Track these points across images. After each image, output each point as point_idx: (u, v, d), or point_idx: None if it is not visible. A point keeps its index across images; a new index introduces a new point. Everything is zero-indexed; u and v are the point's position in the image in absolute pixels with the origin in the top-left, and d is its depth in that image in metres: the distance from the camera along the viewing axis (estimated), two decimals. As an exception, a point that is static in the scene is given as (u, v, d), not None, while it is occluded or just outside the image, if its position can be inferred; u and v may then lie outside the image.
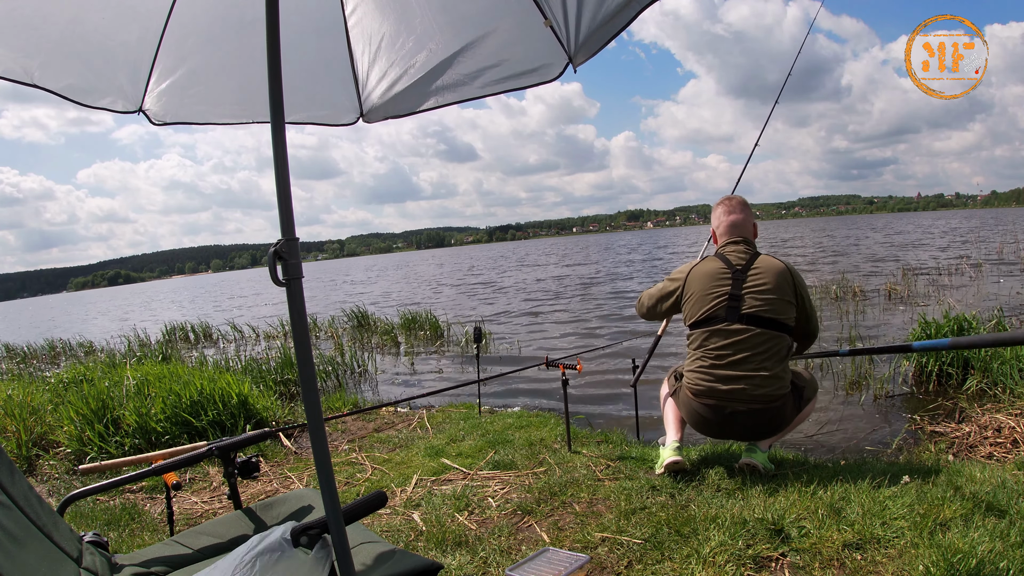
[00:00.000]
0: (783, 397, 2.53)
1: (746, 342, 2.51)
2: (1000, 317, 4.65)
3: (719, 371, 2.54)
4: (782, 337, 2.55)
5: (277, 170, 1.07)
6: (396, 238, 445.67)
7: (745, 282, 2.57)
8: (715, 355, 2.56)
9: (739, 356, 2.51)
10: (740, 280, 2.58)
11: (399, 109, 1.87)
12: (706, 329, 2.60)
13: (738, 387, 2.49)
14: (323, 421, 1.06)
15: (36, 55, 1.45)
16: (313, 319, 10.83)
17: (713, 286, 2.60)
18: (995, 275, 9.80)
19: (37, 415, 4.16)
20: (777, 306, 2.53)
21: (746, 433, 2.61)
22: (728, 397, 2.52)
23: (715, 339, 2.57)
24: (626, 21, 1.26)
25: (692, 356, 2.66)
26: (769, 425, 2.57)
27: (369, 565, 1.29)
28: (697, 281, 2.66)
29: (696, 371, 2.62)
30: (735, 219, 2.74)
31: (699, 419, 2.63)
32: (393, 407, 4.58)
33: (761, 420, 2.53)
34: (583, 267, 23.44)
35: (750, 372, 2.49)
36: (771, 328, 2.52)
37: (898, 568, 1.73)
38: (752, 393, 2.49)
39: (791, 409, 2.59)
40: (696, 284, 2.66)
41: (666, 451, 2.64)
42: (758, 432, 2.60)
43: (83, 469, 2.06)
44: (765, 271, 2.57)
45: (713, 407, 2.55)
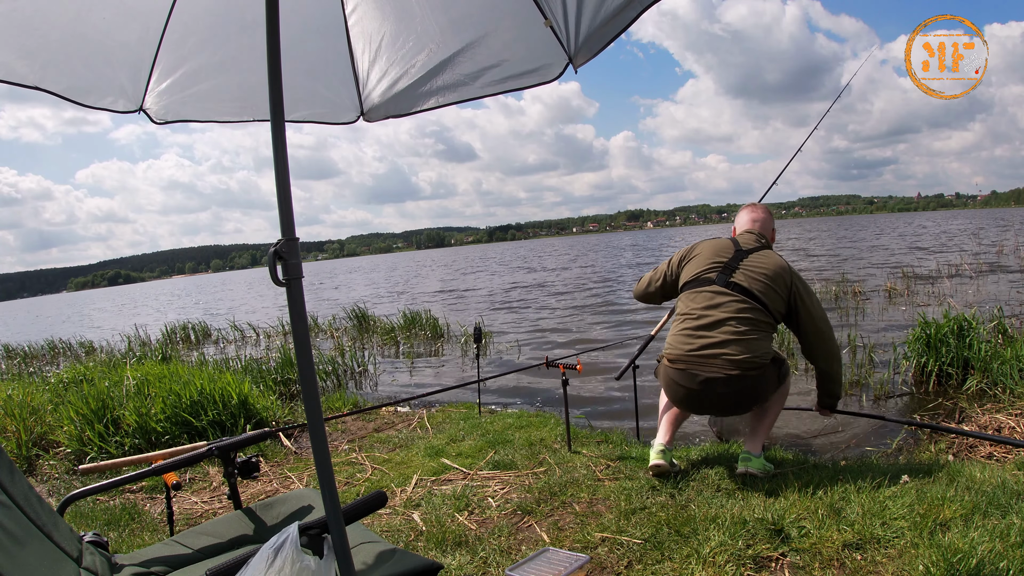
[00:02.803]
0: (763, 367, 2.46)
1: (729, 306, 2.49)
2: (1000, 317, 4.65)
3: (697, 332, 2.49)
4: (767, 317, 2.52)
5: (277, 170, 1.07)
6: (396, 238, 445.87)
7: (744, 260, 2.62)
8: (697, 315, 2.53)
9: (719, 318, 2.48)
10: (741, 257, 2.64)
11: (399, 108, 1.87)
12: (692, 290, 2.61)
13: (715, 351, 2.43)
14: (323, 421, 1.06)
15: (37, 56, 1.45)
16: (313, 319, 10.83)
17: (715, 255, 2.67)
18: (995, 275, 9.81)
19: (37, 415, 4.16)
20: (767, 291, 2.52)
21: (724, 404, 2.55)
22: (704, 362, 2.45)
23: (699, 299, 2.56)
24: (627, 22, 1.26)
25: (674, 322, 2.66)
26: (748, 396, 2.49)
27: (369, 565, 1.29)
28: (704, 248, 2.74)
29: (674, 334, 2.59)
30: (757, 216, 2.86)
31: (675, 389, 2.57)
32: (393, 407, 4.58)
33: (739, 389, 2.44)
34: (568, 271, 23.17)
35: (729, 336, 2.44)
36: (757, 303, 2.50)
37: (898, 568, 1.73)
38: (730, 358, 2.42)
39: (772, 382, 2.53)
40: (702, 249, 2.74)
41: (651, 452, 2.62)
42: (737, 404, 2.54)
43: (83, 469, 2.06)
44: (767, 260, 2.61)
45: (688, 373, 2.48)
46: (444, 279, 24.71)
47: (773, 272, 2.56)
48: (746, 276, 2.56)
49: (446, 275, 28.03)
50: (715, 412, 2.75)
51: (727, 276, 2.58)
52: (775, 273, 2.56)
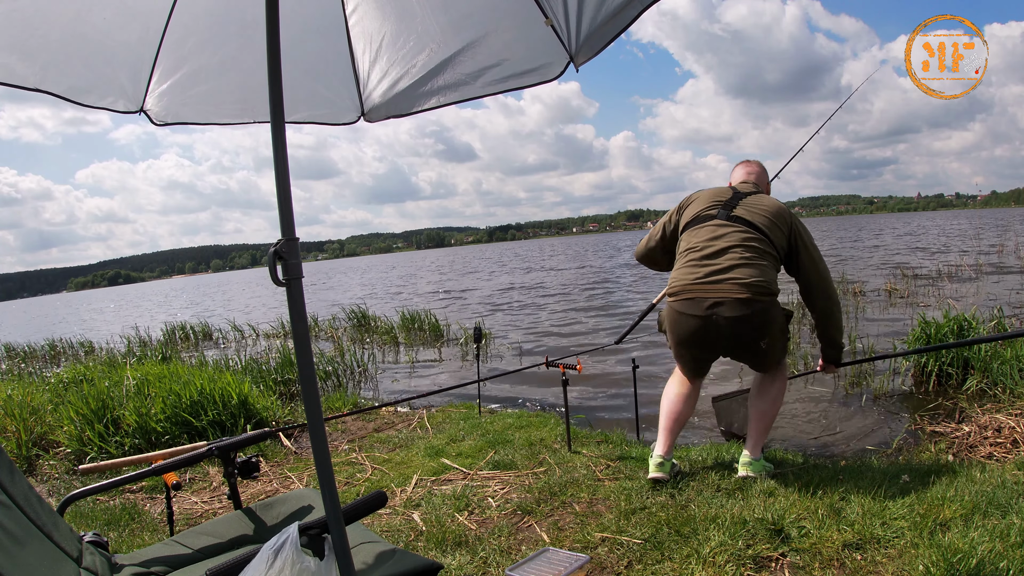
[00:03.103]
0: (773, 297, 2.38)
1: (733, 235, 2.44)
2: (1000, 317, 4.65)
3: (702, 262, 2.42)
4: (772, 249, 2.45)
5: (277, 170, 1.07)
6: (396, 238, 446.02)
7: (744, 199, 2.59)
8: (700, 248, 2.46)
9: (724, 245, 2.41)
10: (740, 197, 2.60)
11: (400, 108, 1.87)
12: (695, 227, 2.55)
13: (723, 276, 2.35)
14: (323, 421, 1.06)
15: (37, 57, 1.45)
16: (313, 319, 10.83)
17: (713, 197, 2.63)
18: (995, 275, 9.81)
19: (37, 415, 4.16)
20: (770, 225, 2.47)
21: (731, 338, 2.39)
22: (710, 287, 2.35)
23: (701, 234, 2.50)
24: (628, 21, 1.26)
25: (678, 259, 2.56)
26: (757, 327, 2.36)
27: (369, 565, 1.29)
28: (702, 193, 2.70)
29: (677, 271, 2.51)
30: (752, 170, 2.84)
31: (680, 324, 2.45)
32: (393, 407, 4.58)
33: (749, 315, 2.32)
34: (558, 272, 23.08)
35: (735, 261, 2.36)
36: (761, 234, 2.45)
37: (898, 568, 1.73)
38: (739, 281, 2.32)
39: (780, 325, 2.44)
40: (699, 194, 2.69)
41: (650, 463, 2.57)
42: (744, 339, 2.39)
43: (83, 469, 2.06)
44: (767, 200, 2.59)
45: (693, 300, 2.37)
46: (440, 280, 24.70)
47: (774, 209, 2.53)
48: (747, 211, 2.52)
49: (443, 276, 28.02)
50: (722, 348, 2.49)
51: (728, 211, 2.52)
52: (776, 210, 2.52)
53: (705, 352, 2.55)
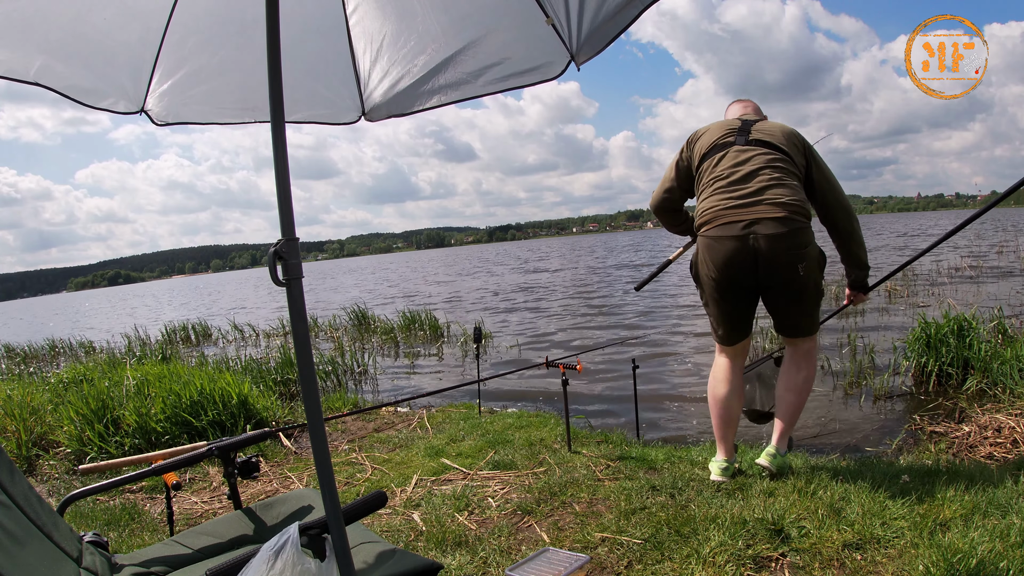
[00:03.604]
0: (807, 222, 2.31)
1: (758, 158, 2.36)
2: (1000, 317, 4.65)
3: (730, 188, 2.32)
4: (795, 168, 2.38)
5: (277, 170, 1.07)
6: (396, 238, 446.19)
7: (754, 124, 2.51)
8: (726, 175, 2.36)
9: (751, 169, 2.33)
10: (750, 123, 2.52)
11: (401, 108, 1.87)
12: (715, 155, 2.45)
13: (756, 197, 2.27)
14: (323, 421, 1.06)
15: (37, 56, 1.45)
16: (313, 319, 10.83)
17: (723, 127, 2.53)
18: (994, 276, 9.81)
19: (37, 415, 4.16)
20: (787, 144, 2.42)
21: (770, 262, 2.26)
22: (745, 208, 2.27)
23: (723, 162, 2.40)
24: (629, 20, 1.26)
25: (703, 190, 2.44)
26: (794, 249, 2.26)
27: (369, 565, 1.29)
28: (710, 126, 2.59)
29: (705, 200, 2.39)
30: (749, 104, 2.76)
31: (714, 252, 2.33)
32: (393, 407, 4.58)
33: (785, 237, 2.24)
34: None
35: (766, 183, 2.29)
36: (782, 154, 2.38)
37: (898, 568, 1.73)
38: (774, 201, 2.25)
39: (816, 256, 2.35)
40: (708, 127, 2.58)
41: (714, 468, 2.53)
42: (782, 260, 2.26)
43: (83, 469, 2.06)
44: (776, 123, 2.52)
45: (727, 224, 2.28)
46: (440, 281, 24.69)
47: (787, 130, 2.48)
48: (763, 134, 2.44)
49: (444, 277, 28.00)
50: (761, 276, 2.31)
51: (745, 136, 2.44)
52: (789, 131, 2.48)
53: (743, 282, 2.36)
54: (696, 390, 5.01)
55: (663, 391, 5.05)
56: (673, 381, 5.36)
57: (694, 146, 2.57)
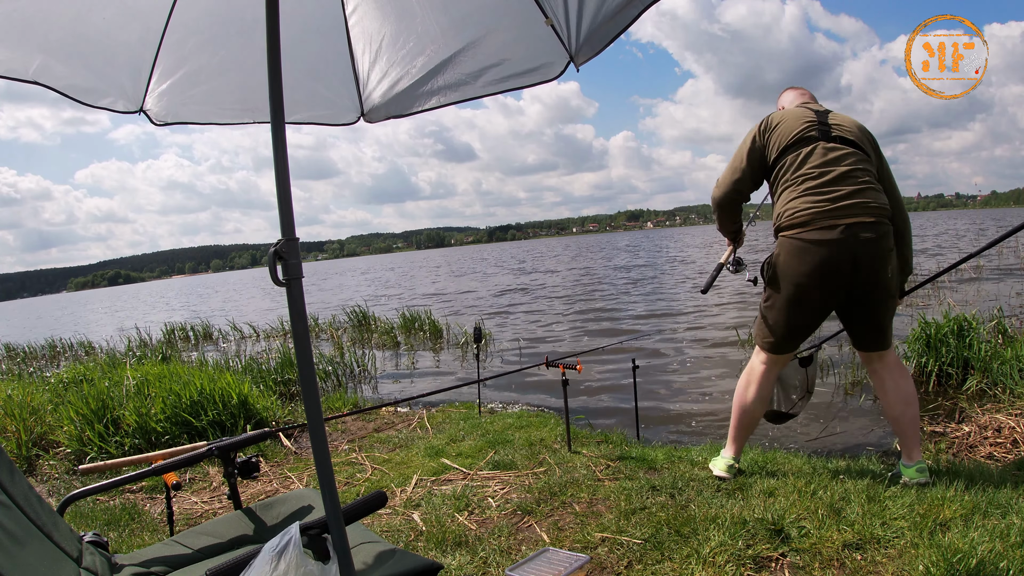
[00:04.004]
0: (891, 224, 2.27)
1: (846, 159, 2.27)
2: (1000, 317, 4.65)
3: (824, 189, 2.22)
4: (875, 168, 2.33)
5: (277, 170, 1.07)
6: (396, 238, 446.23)
7: (829, 117, 2.41)
8: (816, 174, 2.26)
9: (842, 171, 2.24)
10: (825, 115, 2.42)
11: (400, 109, 1.87)
12: (799, 150, 2.32)
13: (851, 200, 2.19)
14: (323, 421, 1.06)
15: (37, 55, 1.45)
16: (313, 319, 10.83)
17: (800, 117, 2.41)
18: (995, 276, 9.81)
19: (37, 415, 4.16)
20: (864, 142, 2.36)
21: (865, 266, 2.20)
22: (840, 212, 2.18)
23: (811, 158, 2.30)
24: (628, 20, 1.26)
25: (788, 186, 2.33)
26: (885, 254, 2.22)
27: (369, 565, 1.29)
28: (783, 114, 2.46)
29: (797, 198, 2.27)
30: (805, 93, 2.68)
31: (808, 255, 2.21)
32: (393, 407, 4.58)
33: (877, 241, 2.20)
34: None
35: (857, 186, 2.21)
36: (864, 153, 2.31)
37: (898, 568, 1.73)
38: (867, 205, 2.19)
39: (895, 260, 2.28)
40: (781, 116, 2.45)
41: (719, 463, 2.52)
42: (876, 265, 2.21)
43: (83, 469, 2.06)
44: (846, 118, 2.44)
45: (825, 227, 2.18)
46: (437, 281, 24.68)
47: (860, 125, 2.42)
48: (842, 131, 2.35)
49: (441, 277, 27.99)
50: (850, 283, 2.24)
51: (826, 132, 2.34)
52: (860, 127, 2.41)
53: (832, 288, 2.27)
54: (696, 390, 5.01)
55: (663, 391, 5.05)
56: (673, 381, 5.36)
57: (770, 135, 2.43)
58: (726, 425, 4.04)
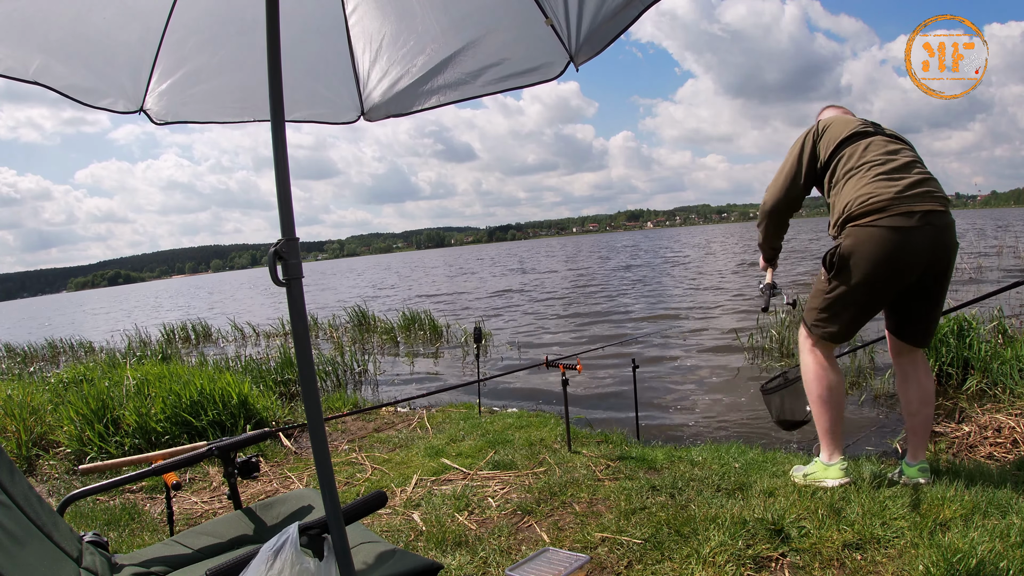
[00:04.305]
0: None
1: (906, 151, 2.27)
2: (1000, 317, 4.65)
3: (894, 175, 2.16)
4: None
5: (277, 170, 1.07)
6: (396, 238, 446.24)
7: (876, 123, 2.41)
8: (883, 161, 2.21)
9: (905, 160, 2.22)
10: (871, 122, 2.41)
11: (400, 107, 1.87)
12: (859, 142, 2.29)
13: (921, 189, 2.14)
14: (323, 421, 1.06)
15: (37, 55, 1.45)
16: (313, 319, 10.83)
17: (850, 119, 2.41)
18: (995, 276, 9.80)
19: (37, 415, 4.16)
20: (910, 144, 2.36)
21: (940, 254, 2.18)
22: (915, 198, 2.12)
23: (873, 148, 2.26)
24: (628, 21, 1.26)
25: (853, 175, 2.25)
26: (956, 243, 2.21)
27: (369, 565, 1.29)
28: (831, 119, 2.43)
29: (868, 183, 2.18)
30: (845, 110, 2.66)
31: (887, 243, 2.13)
32: (393, 407, 4.58)
33: (952, 228, 2.19)
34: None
35: (923, 175, 2.18)
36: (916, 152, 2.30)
37: (898, 568, 1.73)
38: (936, 194, 2.16)
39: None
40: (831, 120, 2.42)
41: (833, 472, 2.31)
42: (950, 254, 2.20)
43: (83, 469, 2.06)
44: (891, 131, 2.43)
45: (902, 214, 2.11)
46: (435, 282, 24.66)
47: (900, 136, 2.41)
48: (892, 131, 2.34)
49: (438, 279, 27.98)
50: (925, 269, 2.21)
51: (881, 129, 2.34)
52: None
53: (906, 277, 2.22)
54: (697, 390, 5.01)
55: (663, 391, 5.05)
56: (673, 381, 5.36)
57: (823, 137, 2.40)
58: (726, 425, 4.04)
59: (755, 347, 6.09)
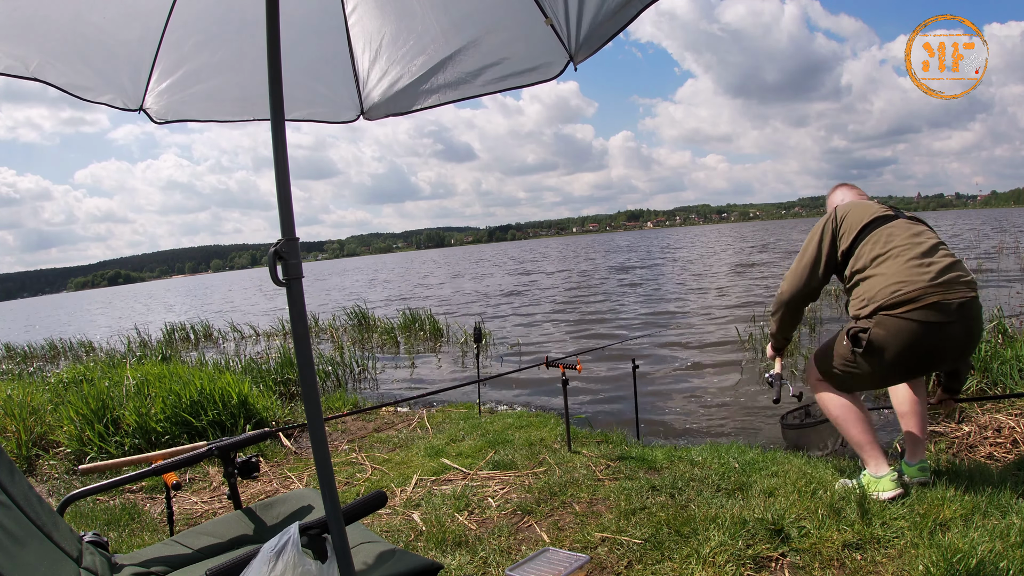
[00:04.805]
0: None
1: (929, 233, 2.24)
2: (1000, 317, 4.65)
3: (924, 260, 2.12)
4: None
5: (277, 170, 1.07)
6: (396, 238, 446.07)
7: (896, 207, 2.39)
8: (909, 245, 2.17)
9: (931, 243, 2.18)
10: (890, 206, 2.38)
11: (400, 107, 1.87)
12: (882, 227, 2.25)
13: (952, 274, 2.10)
14: (323, 421, 1.06)
15: (37, 54, 1.45)
16: (313, 319, 10.83)
17: (868, 204, 2.37)
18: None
19: (37, 415, 4.16)
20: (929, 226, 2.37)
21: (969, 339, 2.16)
22: (949, 287, 2.07)
23: (897, 232, 2.21)
24: (627, 19, 1.26)
25: (881, 262, 2.19)
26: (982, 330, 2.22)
27: (369, 565, 1.29)
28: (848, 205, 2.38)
29: (900, 269, 2.13)
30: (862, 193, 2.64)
31: (923, 337, 2.08)
32: (393, 407, 4.58)
33: (980, 315, 2.17)
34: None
35: (950, 259, 2.15)
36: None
37: (898, 568, 1.73)
38: (965, 279, 2.12)
39: None
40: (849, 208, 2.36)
41: (884, 484, 2.18)
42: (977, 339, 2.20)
43: (83, 469, 2.06)
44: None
45: (939, 306, 2.05)
46: (433, 285, 24.66)
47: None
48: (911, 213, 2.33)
49: (435, 281, 27.98)
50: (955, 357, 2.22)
51: (900, 212, 2.31)
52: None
53: (933, 367, 2.28)
54: (697, 390, 5.01)
55: (663, 391, 5.05)
56: (673, 381, 5.36)
57: (843, 224, 2.34)
58: (726, 425, 4.04)
59: (755, 347, 6.09)
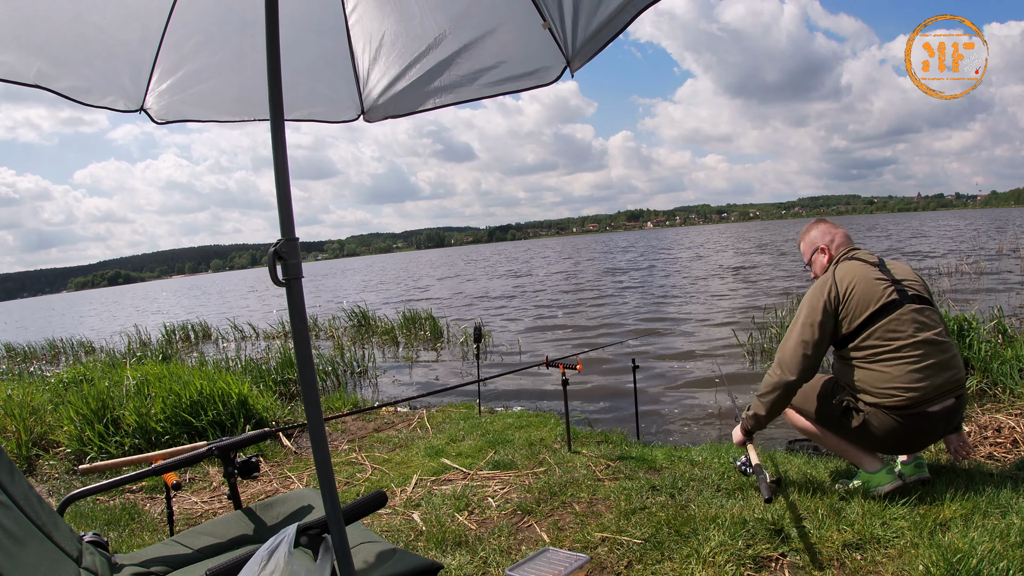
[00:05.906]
0: None
1: (932, 323, 2.22)
2: (1000, 317, 4.64)
3: (926, 366, 2.14)
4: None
5: (277, 170, 1.07)
6: (396, 238, 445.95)
7: (891, 271, 2.33)
8: (913, 344, 2.16)
9: (934, 334, 2.20)
10: (886, 269, 2.33)
11: (399, 109, 1.88)
12: (886, 316, 2.19)
13: (947, 377, 2.17)
14: (323, 421, 1.06)
15: (38, 56, 1.45)
16: (313, 319, 10.83)
17: (869, 276, 2.27)
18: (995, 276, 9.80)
19: (37, 415, 4.16)
20: (929, 293, 2.35)
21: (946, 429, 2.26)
22: (942, 391, 2.16)
23: (901, 327, 2.18)
24: (624, 24, 1.26)
25: (882, 357, 2.19)
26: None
27: (369, 565, 1.29)
28: (850, 279, 2.28)
29: (905, 374, 2.15)
30: (845, 232, 2.59)
31: (913, 435, 2.19)
32: (393, 407, 4.58)
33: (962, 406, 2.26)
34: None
35: (948, 354, 2.20)
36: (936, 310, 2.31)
37: (898, 568, 1.73)
38: (957, 377, 2.20)
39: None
40: (849, 279, 2.28)
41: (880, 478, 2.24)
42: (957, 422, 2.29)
43: (83, 469, 2.06)
44: (905, 267, 2.40)
45: (929, 416, 2.15)
46: (432, 286, 24.65)
47: (918, 275, 2.39)
48: (912, 285, 2.29)
49: (434, 283, 27.98)
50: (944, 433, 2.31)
51: (905, 291, 2.25)
52: (919, 276, 2.39)
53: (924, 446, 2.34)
54: (697, 390, 5.01)
55: (663, 391, 5.05)
56: (673, 381, 5.36)
57: (845, 304, 2.26)
58: (725, 424, 4.04)
59: (755, 347, 6.09)
